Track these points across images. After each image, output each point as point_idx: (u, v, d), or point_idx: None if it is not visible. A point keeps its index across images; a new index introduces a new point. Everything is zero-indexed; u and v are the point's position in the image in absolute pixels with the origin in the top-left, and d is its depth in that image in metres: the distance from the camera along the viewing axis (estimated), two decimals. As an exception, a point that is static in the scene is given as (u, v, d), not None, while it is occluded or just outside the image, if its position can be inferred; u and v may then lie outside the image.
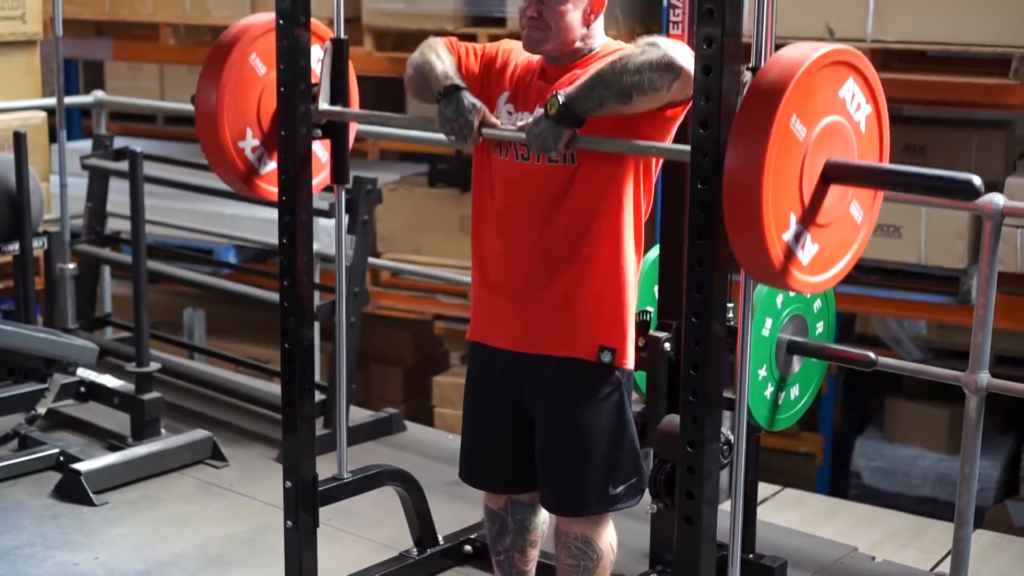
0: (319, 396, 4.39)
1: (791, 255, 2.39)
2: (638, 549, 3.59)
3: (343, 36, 3.14)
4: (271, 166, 3.27)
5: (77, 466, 4.15)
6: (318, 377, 4.50)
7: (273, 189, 3.17)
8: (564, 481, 2.92)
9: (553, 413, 2.90)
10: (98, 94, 6.13)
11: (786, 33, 5.43)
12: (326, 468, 3.31)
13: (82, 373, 4.59)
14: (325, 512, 3.25)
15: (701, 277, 2.45)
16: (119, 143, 5.44)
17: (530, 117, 2.83)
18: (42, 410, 4.47)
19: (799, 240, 2.40)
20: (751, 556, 3.48)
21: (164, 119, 8.28)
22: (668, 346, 3.08)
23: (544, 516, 3.13)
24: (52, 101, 5.60)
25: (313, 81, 3.08)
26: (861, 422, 7.04)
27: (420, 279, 6.68)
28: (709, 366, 2.46)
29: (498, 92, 2.93)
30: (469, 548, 3.68)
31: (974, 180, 2.32)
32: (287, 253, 3.10)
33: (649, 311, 3.07)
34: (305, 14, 3.02)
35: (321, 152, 3.25)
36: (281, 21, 3.01)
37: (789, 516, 4.60)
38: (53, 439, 4.45)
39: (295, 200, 3.07)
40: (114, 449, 4.40)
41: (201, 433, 4.47)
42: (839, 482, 6.82)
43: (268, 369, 5.38)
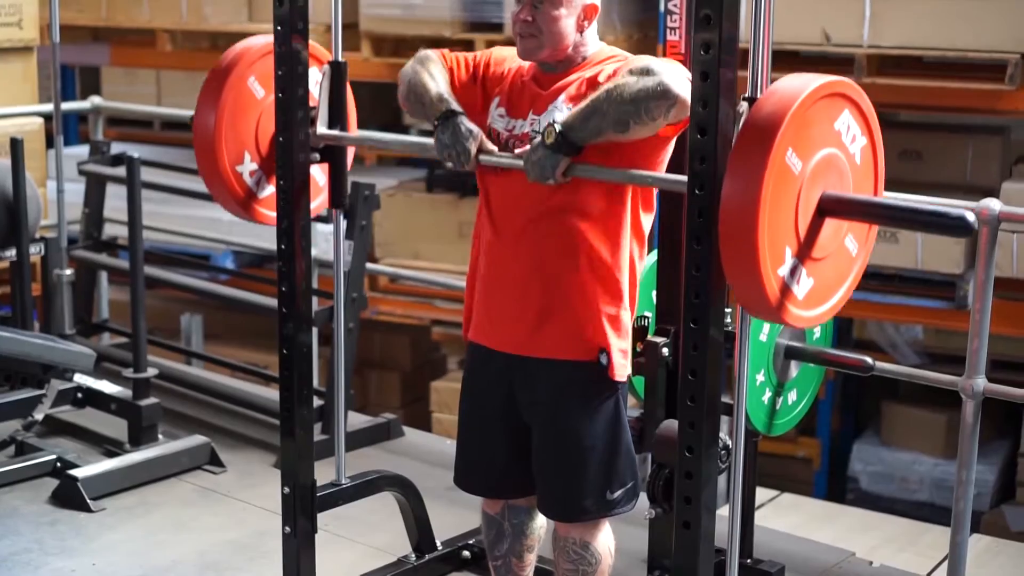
0: (317, 402, 4.38)
1: (787, 290, 2.41)
2: (636, 554, 3.59)
3: (341, 59, 3.15)
4: (269, 190, 3.28)
5: (74, 472, 4.14)
6: (316, 383, 4.49)
7: (271, 213, 3.18)
8: (562, 487, 2.92)
9: (550, 419, 2.90)
10: (95, 100, 6.13)
11: (783, 39, 5.49)
12: (324, 474, 3.31)
13: (79, 379, 4.58)
14: (323, 518, 3.25)
15: (699, 282, 2.46)
16: (116, 149, 5.44)
17: (523, 123, 2.84)
18: (39, 416, 4.46)
19: (794, 274, 2.42)
20: (749, 561, 3.48)
21: (161, 125, 8.28)
22: (666, 351, 3.08)
23: (541, 521, 3.13)
24: (49, 107, 5.60)
25: (311, 105, 3.09)
26: (858, 427, 7.05)
27: (418, 284, 6.69)
28: (707, 371, 2.47)
29: (491, 98, 2.93)
30: (467, 553, 3.68)
31: (967, 216, 2.34)
32: (285, 259, 3.10)
33: (647, 316, 3.07)
34: (303, 21, 3.02)
35: (319, 175, 3.26)
36: (279, 27, 3.01)
37: (787, 521, 4.60)
38: (50, 445, 4.45)
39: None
40: (111, 455, 4.40)
41: (199, 439, 4.47)
42: (836, 487, 6.83)
43: (266, 375, 5.38)
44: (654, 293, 3.25)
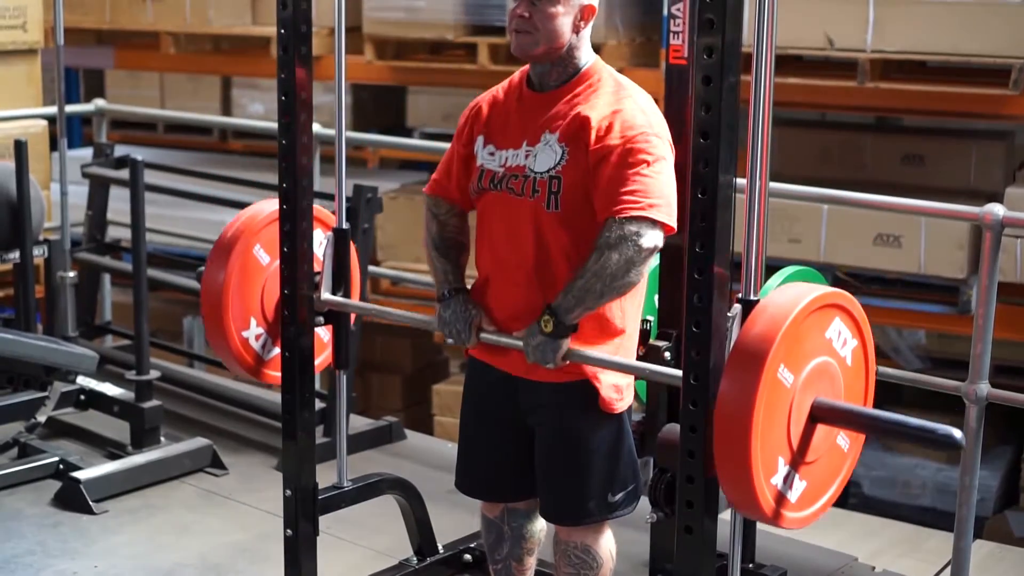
0: (319, 404, 4.39)
1: (781, 498, 2.45)
2: (638, 558, 3.59)
3: (344, 227, 3.24)
4: (275, 352, 3.36)
5: (77, 474, 4.14)
6: (318, 386, 4.50)
7: (279, 374, 3.23)
8: (564, 490, 2.92)
9: (553, 422, 2.90)
10: (99, 102, 6.14)
11: (786, 43, 5.49)
12: (326, 476, 3.31)
13: (82, 381, 4.58)
14: (325, 520, 3.25)
15: (701, 286, 2.46)
16: (119, 151, 5.44)
17: (515, 153, 2.82)
18: (42, 418, 4.47)
19: (788, 481, 2.46)
20: (751, 566, 3.48)
21: (164, 127, 8.29)
22: (668, 355, 3.08)
23: (541, 524, 3.13)
24: (53, 109, 5.60)
25: (316, 269, 3.16)
26: (860, 431, 7.02)
27: (420, 287, 6.66)
28: (709, 375, 2.47)
29: (474, 140, 2.93)
30: (468, 557, 3.68)
31: (955, 434, 2.39)
32: (288, 262, 3.11)
33: (649, 320, 3.07)
34: (307, 24, 3.02)
35: (323, 333, 3.33)
36: (282, 30, 3.01)
37: (789, 525, 4.59)
38: (53, 447, 4.45)
39: (295, 209, 3.08)
40: (114, 457, 4.40)
41: (201, 441, 4.47)
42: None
43: (268, 377, 5.37)
44: (656, 296, 3.25)
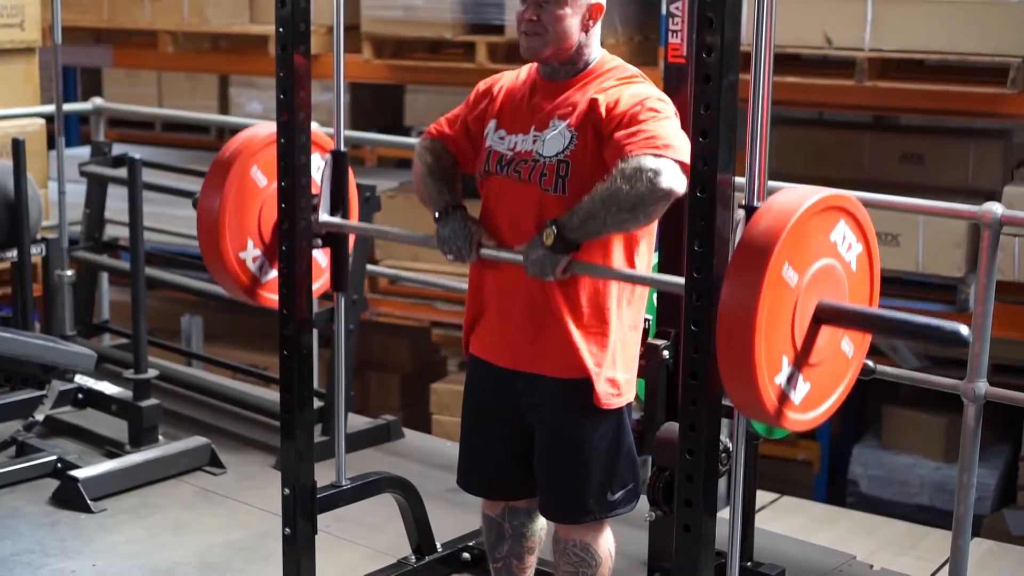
0: (317, 403, 4.38)
1: (784, 398, 2.44)
2: (636, 556, 3.59)
3: (343, 148, 3.20)
4: (273, 274, 3.33)
5: (75, 473, 4.14)
6: (316, 384, 4.49)
7: (275, 297, 3.21)
8: (563, 488, 2.93)
9: (553, 420, 2.90)
10: (96, 101, 6.14)
11: (785, 42, 5.49)
12: (324, 475, 3.31)
13: (80, 380, 4.58)
14: (323, 519, 3.25)
15: (700, 285, 2.46)
16: (117, 150, 5.44)
17: (524, 138, 2.83)
18: (40, 417, 4.46)
19: (791, 381, 2.44)
20: (749, 564, 3.48)
21: (162, 126, 8.29)
22: (667, 354, 3.08)
23: (542, 523, 3.13)
24: (51, 108, 5.60)
25: (314, 192, 3.14)
26: (858, 430, 7.04)
27: (418, 286, 6.68)
28: (708, 374, 2.47)
29: (486, 122, 2.94)
30: (467, 555, 3.68)
31: (961, 331, 2.36)
32: (286, 260, 3.10)
33: (648, 319, 3.07)
34: (305, 22, 3.02)
35: (321, 258, 3.31)
36: (280, 29, 3.01)
37: (787, 524, 4.60)
38: (51, 446, 4.44)
39: (294, 207, 3.08)
40: (112, 456, 4.40)
41: (199, 440, 4.47)
42: (836, 490, 6.82)
43: (266, 376, 5.38)
44: (655, 296, 3.25)
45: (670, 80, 3.13)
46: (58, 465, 4.28)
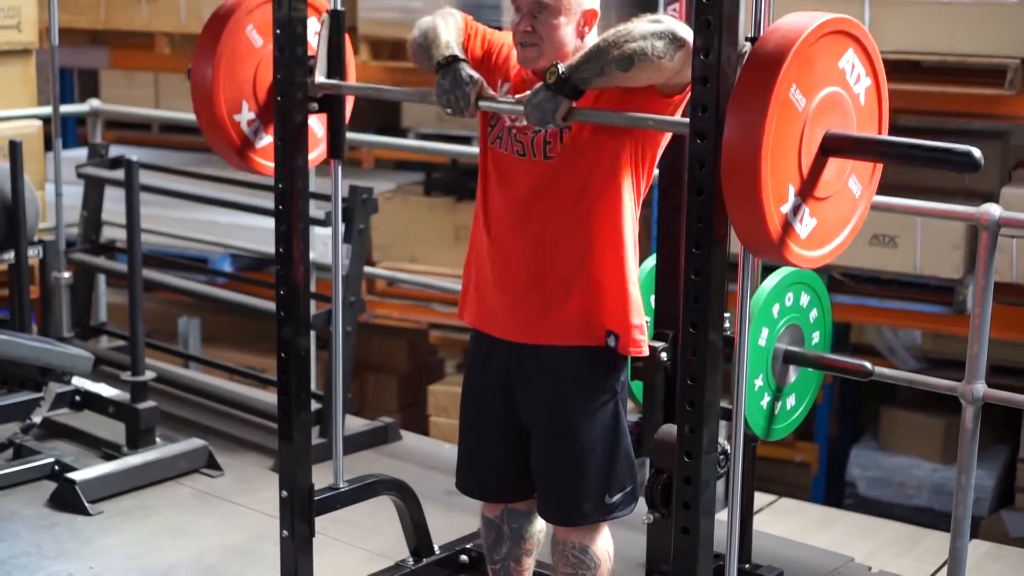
0: (315, 405, 4.37)
1: (789, 228, 2.38)
2: (634, 559, 3.59)
3: (340, 8, 3.13)
4: (267, 140, 3.26)
5: (72, 475, 4.13)
6: (314, 386, 4.49)
7: (269, 163, 3.15)
8: (561, 491, 2.92)
9: (550, 422, 2.89)
10: (93, 103, 6.13)
11: (782, 43, 5.47)
12: (322, 477, 3.31)
13: (77, 382, 4.57)
14: (321, 522, 3.24)
15: (698, 287, 2.45)
16: (114, 151, 5.44)
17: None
18: (37, 419, 4.46)
19: (797, 213, 2.39)
20: (747, 566, 3.48)
21: (159, 127, 8.28)
22: (665, 356, 3.08)
23: (540, 525, 3.13)
24: (48, 110, 5.59)
25: (309, 54, 3.06)
26: (856, 431, 7.04)
27: (415, 288, 6.68)
28: (706, 376, 2.47)
29: (500, 78, 2.92)
30: (465, 558, 3.67)
31: (974, 152, 2.31)
32: (284, 262, 3.10)
33: (646, 320, 3.07)
34: (302, 24, 3.02)
35: (317, 127, 3.24)
36: (278, 30, 3.01)
37: (785, 526, 4.60)
38: (48, 448, 4.43)
39: (291, 206, 3.06)
40: (109, 458, 4.39)
41: (196, 442, 4.46)
42: (834, 492, 6.82)
43: (264, 378, 5.37)
44: (653, 298, 3.25)
45: (668, 82, 3.12)
46: (55, 467, 4.27)
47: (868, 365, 3.36)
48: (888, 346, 6.50)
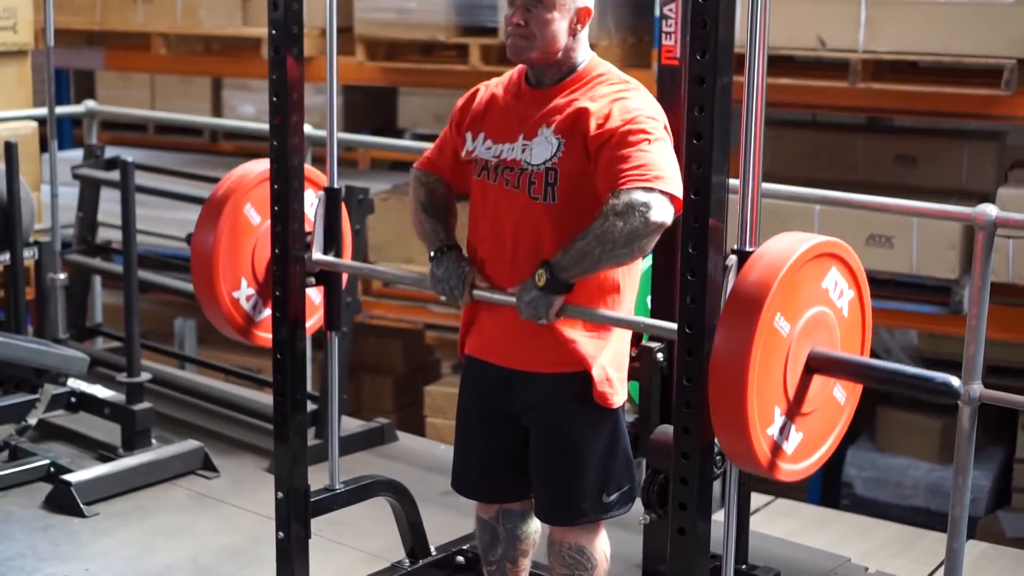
0: (311, 406, 4.38)
1: (777, 449, 2.44)
2: (630, 559, 3.59)
3: (336, 186, 3.20)
4: (267, 313, 3.34)
5: (68, 477, 4.13)
6: (310, 387, 4.49)
7: (270, 336, 3.21)
8: (558, 490, 2.92)
9: (549, 422, 2.89)
10: (89, 104, 6.12)
11: (778, 44, 5.49)
12: (318, 479, 3.30)
13: (73, 384, 4.57)
14: (317, 523, 3.24)
15: (694, 287, 2.45)
16: (110, 153, 5.43)
17: (511, 147, 2.82)
18: (32, 421, 4.45)
19: (784, 432, 2.44)
20: (744, 567, 3.47)
21: (155, 129, 8.27)
22: (661, 356, 3.07)
23: (536, 525, 3.12)
24: (43, 111, 5.59)
25: (307, 229, 3.13)
26: (852, 432, 7.03)
27: (412, 288, 6.67)
28: (702, 377, 2.46)
29: (473, 133, 2.92)
30: (461, 559, 3.67)
31: (952, 382, 2.37)
32: (280, 263, 3.09)
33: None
34: (298, 24, 3.02)
35: (314, 295, 3.30)
36: (273, 31, 3.01)
37: (781, 526, 4.60)
38: (43, 450, 4.43)
39: (286, 211, 3.07)
40: (105, 460, 4.39)
41: (192, 444, 4.46)
42: (830, 492, 6.81)
43: (259, 379, 5.37)
44: (649, 298, 3.25)
45: (664, 82, 3.13)
46: (51, 469, 4.27)
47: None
48: (884, 346, 6.50)
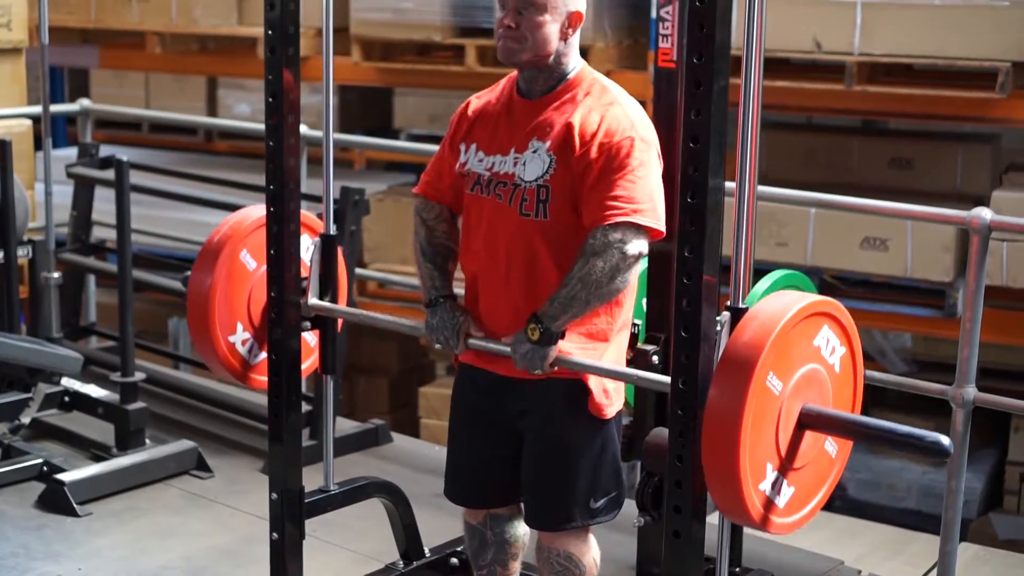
0: (305, 407, 4.38)
1: (769, 504, 2.46)
2: (624, 562, 3.59)
3: (332, 232, 3.23)
4: (262, 356, 3.36)
5: (61, 476, 4.12)
6: (304, 388, 4.48)
7: (265, 379, 3.22)
8: (547, 496, 2.91)
9: (540, 428, 2.88)
10: (84, 102, 6.12)
11: (774, 46, 5.49)
12: (312, 480, 3.30)
13: (66, 383, 4.56)
14: (311, 524, 3.24)
15: (690, 290, 2.45)
16: (105, 151, 5.42)
17: (503, 159, 2.81)
18: (26, 420, 4.45)
19: (776, 487, 2.47)
20: (738, 570, 3.47)
21: (150, 127, 8.26)
22: (656, 359, 3.07)
23: (524, 528, 3.12)
24: (37, 109, 5.57)
25: (303, 275, 3.15)
26: (846, 434, 7.03)
27: (406, 290, 6.66)
28: (697, 380, 2.46)
29: (464, 146, 2.91)
30: (455, 560, 3.66)
31: (942, 441, 2.38)
32: (274, 264, 3.09)
33: (637, 324, 3.06)
34: (294, 24, 3.01)
35: (310, 338, 3.32)
36: (269, 31, 3.00)
37: (775, 529, 4.59)
38: (37, 449, 4.42)
39: (282, 212, 3.07)
40: (98, 459, 4.38)
41: (186, 444, 4.45)
42: (824, 494, 6.81)
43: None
44: (644, 300, 3.24)
45: (660, 85, 3.12)
46: (44, 468, 4.26)
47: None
48: (879, 349, 6.51)
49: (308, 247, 3.23)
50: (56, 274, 5.17)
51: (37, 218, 5.59)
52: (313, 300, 3.18)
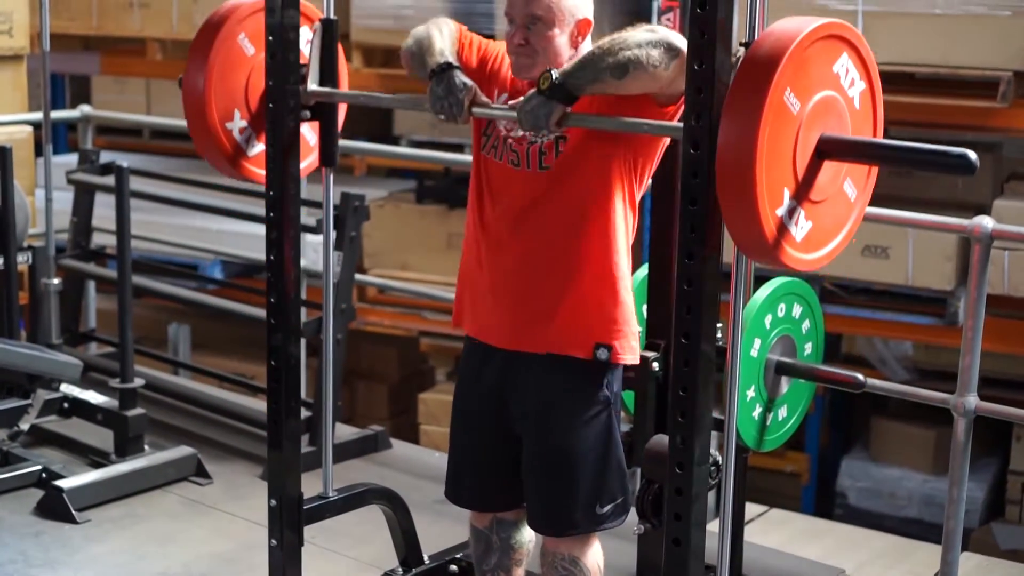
0: (304, 413, 4.37)
1: (784, 231, 2.39)
2: (624, 569, 3.58)
3: (332, 16, 3.13)
4: (259, 148, 3.26)
5: (60, 483, 4.11)
6: (304, 394, 4.47)
7: (261, 171, 3.15)
8: (551, 500, 2.91)
9: (541, 432, 2.88)
10: (84, 108, 6.12)
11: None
12: (311, 486, 3.29)
13: (65, 389, 4.55)
14: (310, 530, 3.23)
15: (691, 297, 2.44)
16: (105, 157, 5.42)
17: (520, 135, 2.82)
18: (25, 426, 4.44)
19: (793, 216, 2.40)
20: (738, 578, 3.47)
21: (151, 133, 8.26)
22: (656, 366, 3.07)
23: (529, 535, 3.12)
24: (38, 115, 5.57)
25: (302, 62, 3.06)
26: (847, 442, 7.04)
27: (406, 296, 6.67)
28: (698, 387, 2.45)
29: (497, 88, 2.90)
30: (455, 567, 3.65)
31: (969, 155, 2.32)
32: (274, 269, 3.08)
33: (638, 331, 3.06)
34: (294, 31, 3.01)
35: (309, 135, 3.24)
36: (270, 37, 3.00)
37: (775, 537, 4.58)
38: (36, 455, 4.41)
39: (282, 212, 3.05)
40: (97, 466, 4.37)
41: (185, 450, 4.44)
42: (824, 502, 6.82)
43: (253, 385, 5.36)
44: (645, 307, 3.24)
45: (661, 90, 3.11)
46: (43, 475, 4.25)
47: (860, 377, 3.35)
48: (880, 357, 6.50)
49: (308, 40, 3.10)
50: (56, 280, 5.16)
51: (37, 224, 5.59)
52: (313, 86, 3.07)
